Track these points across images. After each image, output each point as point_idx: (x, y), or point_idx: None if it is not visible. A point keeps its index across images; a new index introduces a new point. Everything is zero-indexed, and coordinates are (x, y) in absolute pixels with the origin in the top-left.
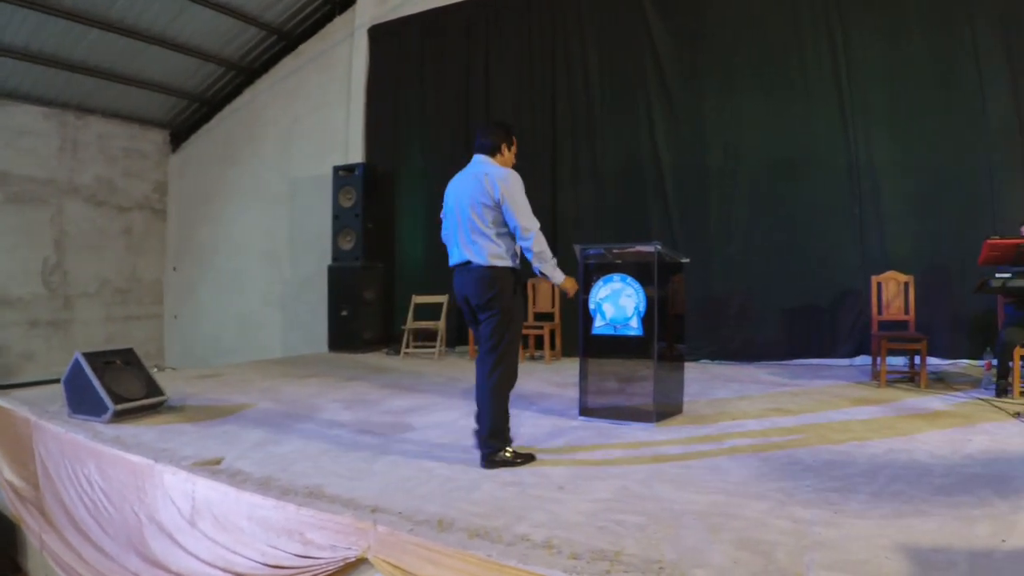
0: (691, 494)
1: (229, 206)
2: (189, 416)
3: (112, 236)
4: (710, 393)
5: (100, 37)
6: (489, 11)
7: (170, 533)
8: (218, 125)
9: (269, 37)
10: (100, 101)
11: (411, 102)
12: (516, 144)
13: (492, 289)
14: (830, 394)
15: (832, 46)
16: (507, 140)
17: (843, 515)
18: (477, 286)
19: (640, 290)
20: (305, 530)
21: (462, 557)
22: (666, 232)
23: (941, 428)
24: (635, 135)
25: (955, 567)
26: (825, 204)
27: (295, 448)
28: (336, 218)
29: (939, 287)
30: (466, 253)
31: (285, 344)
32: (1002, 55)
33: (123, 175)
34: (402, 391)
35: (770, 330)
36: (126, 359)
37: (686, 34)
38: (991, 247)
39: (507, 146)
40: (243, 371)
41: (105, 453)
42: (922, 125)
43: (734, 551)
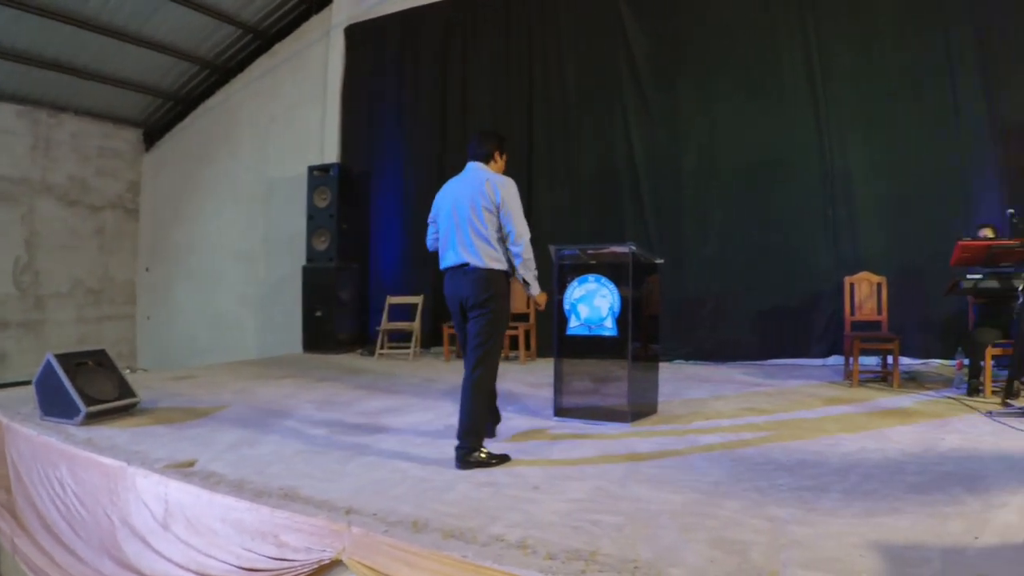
0: (666, 494)
1: (203, 206)
2: (162, 418)
3: (85, 236)
4: (684, 393)
5: (74, 34)
6: (466, 12)
7: (143, 536)
8: (192, 124)
9: (244, 36)
10: (74, 99)
11: (387, 102)
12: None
13: (489, 291)
14: (804, 394)
15: (807, 50)
16: (500, 148)
17: (817, 513)
18: (475, 287)
19: (615, 291)
20: (279, 532)
21: (437, 558)
22: (641, 233)
23: (913, 427)
24: (611, 137)
25: (928, 564)
26: (799, 206)
27: (269, 450)
28: (311, 218)
29: (911, 288)
30: (464, 256)
31: (259, 345)
32: (974, 60)
33: (96, 174)
34: (376, 392)
35: (744, 330)
36: (98, 360)
37: (662, 37)
38: (963, 248)
39: (500, 154)
40: (217, 372)
41: (77, 456)
42: (895, 128)
43: (709, 550)
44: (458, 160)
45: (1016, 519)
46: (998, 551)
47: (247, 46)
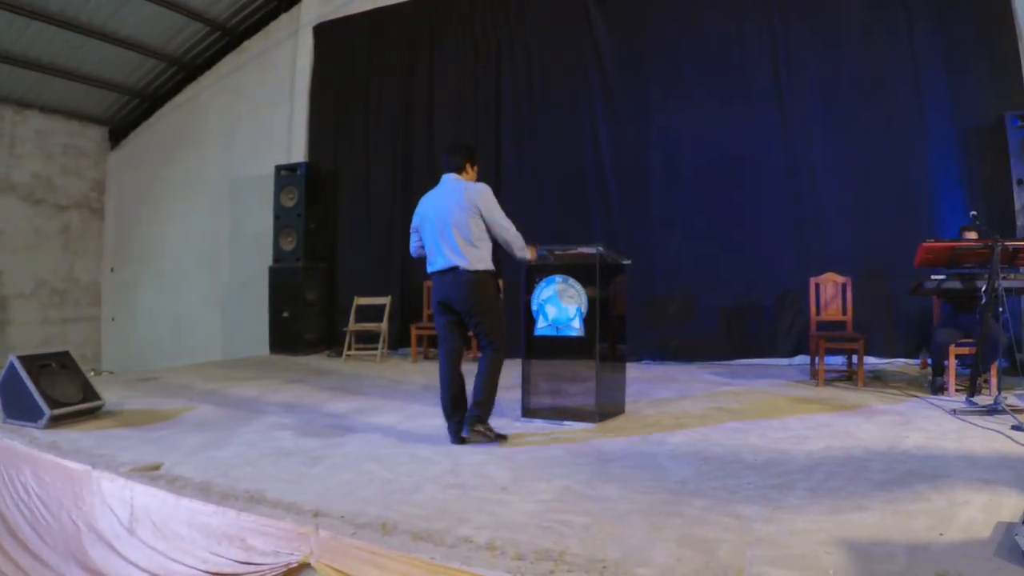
0: (634, 493)
1: (169, 205)
2: (127, 421)
3: (49, 235)
4: (652, 393)
5: (40, 30)
6: (434, 11)
7: (109, 541)
8: (159, 122)
9: (212, 33)
10: (39, 96)
11: (355, 102)
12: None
13: (480, 291)
14: (770, 393)
15: (774, 50)
16: (470, 159)
17: (783, 511)
18: (465, 289)
19: (582, 291)
20: (246, 536)
21: (406, 560)
22: (608, 234)
23: (878, 425)
24: (578, 136)
25: (894, 560)
26: (765, 207)
27: (235, 452)
28: (277, 218)
29: (876, 288)
30: (452, 259)
31: (226, 346)
32: (940, 60)
33: (61, 172)
34: (344, 394)
35: (711, 331)
36: (62, 362)
37: (630, 37)
38: (926, 250)
39: (470, 164)
40: (182, 374)
41: (41, 459)
42: (860, 130)
43: (677, 549)
44: (424, 160)
45: (979, 515)
46: (962, 547)
47: (215, 43)
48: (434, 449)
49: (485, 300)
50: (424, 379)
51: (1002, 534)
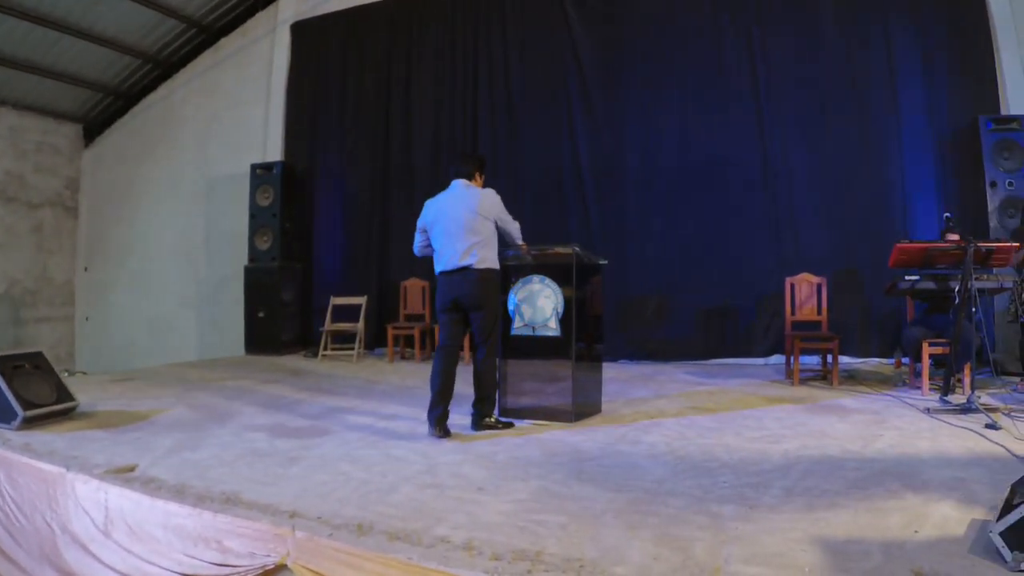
0: (610, 492)
1: (143, 204)
2: (101, 422)
3: (21, 234)
4: (628, 393)
5: (14, 26)
6: (412, 11)
7: (84, 544)
8: (133, 120)
9: (188, 30)
10: (12, 93)
11: (332, 101)
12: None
13: (488, 289)
14: (746, 393)
15: (751, 53)
16: (480, 169)
17: (759, 510)
18: (476, 287)
19: (558, 291)
20: (222, 537)
21: (383, 561)
22: (584, 234)
23: (852, 424)
24: (555, 137)
25: (869, 557)
26: (741, 207)
27: (211, 454)
28: (253, 217)
29: (851, 288)
30: (465, 259)
31: (201, 346)
32: (916, 62)
33: (34, 170)
34: (320, 394)
35: (687, 330)
36: (35, 363)
37: (608, 40)
38: (901, 251)
39: (479, 174)
40: (157, 374)
41: (15, 461)
42: (837, 131)
43: (653, 547)
44: (401, 160)
45: (954, 513)
46: (937, 544)
47: (191, 41)
48: (410, 449)
49: (491, 297)
50: (400, 379)
51: (976, 531)
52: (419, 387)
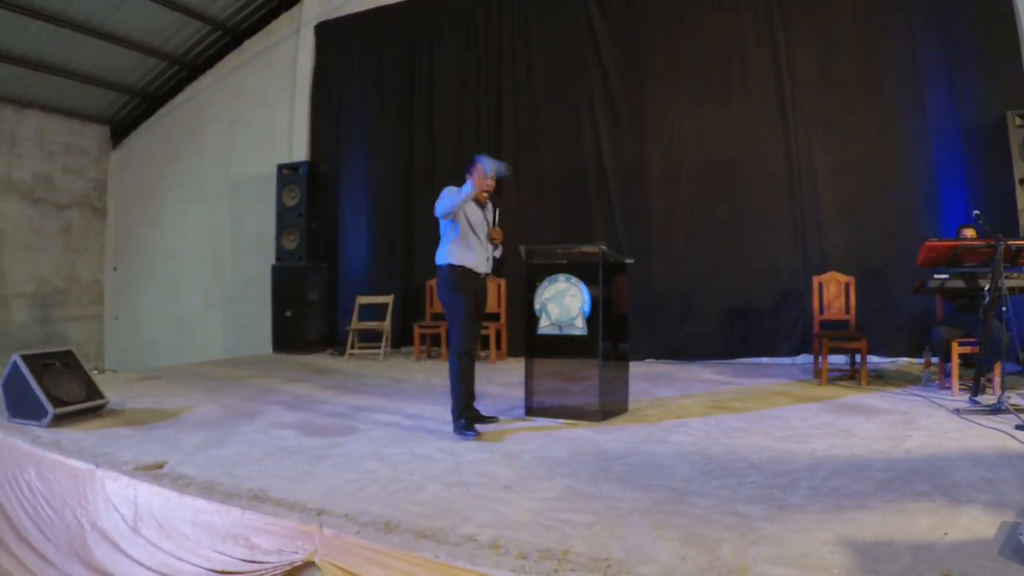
0: (637, 492)
1: (170, 204)
2: (130, 419)
3: (50, 235)
4: (654, 392)
5: (40, 29)
6: (435, 10)
7: (113, 540)
8: (159, 121)
9: (213, 32)
10: (39, 95)
11: (356, 101)
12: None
13: (440, 287)
14: (772, 392)
15: (774, 52)
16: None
17: (786, 510)
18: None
19: (585, 290)
20: (250, 534)
21: (409, 559)
22: (610, 233)
23: (881, 424)
24: (580, 137)
25: (898, 559)
26: (766, 206)
27: (238, 451)
28: (279, 217)
29: (878, 287)
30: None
31: (228, 345)
32: (941, 60)
33: (62, 171)
34: (346, 392)
35: (713, 329)
36: (65, 361)
37: (631, 40)
38: (929, 249)
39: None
40: (185, 373)
41: (45, 458)
42: (862, 128)
43: (680, 548)
44: (425, 159)
45: (983, 515)
46: (966, 546)
47: (216, 43)
48: (436, 447)
49: (442, 294)
50: (425, 378)
51: (1006, 533)
52: (445, 386)
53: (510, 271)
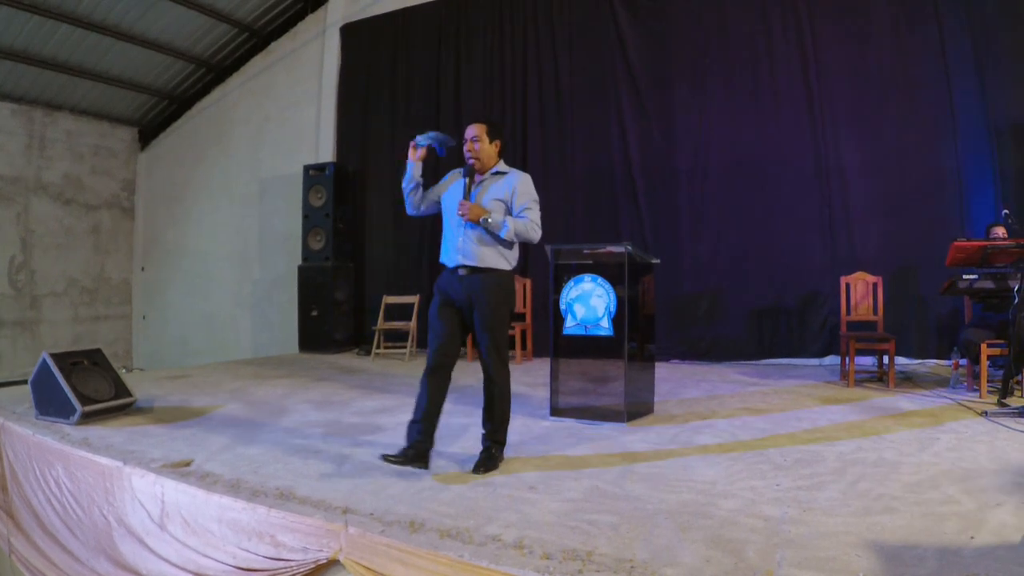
0: (662, 493)
1: (198, 205)
2: (157, 418)
3: (80, 235)
4: (680, 393)
5: (69, 33)
6: (460, 11)
7: (140, 536)
8: (187, 123)
9: (240, 35)
10: (69, 98)
11: (382, 101)
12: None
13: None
14: (799, 393)
15: (801, 48)
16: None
17: (812, 513)
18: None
19: (611, 290)
20: (276, 532)
21: (434, 558)
22: (636, 232)
23: (909, 427)
24: (606, 135)
25: (924, 563)
26: (794, 205)
27: (265, 450)
28: (306, 217)
29: (907, 288)
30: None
31: (255, 345)
32: (969, 57)
33: (91, 173)
34: (372, 392)
35: (739, 330)
36: (94, 360)
37: (657, 36)
38: (958, 249)
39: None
40: (212, 372)
41: (73, 455)
42: (890, 127)
43: (705, 550)
44: (451, 159)
45: (1011, 519)
46: (993, 551)
47: (242, 45)
48: (460, 448)
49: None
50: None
51: None
52: (470, 386)
53: (535, 271)
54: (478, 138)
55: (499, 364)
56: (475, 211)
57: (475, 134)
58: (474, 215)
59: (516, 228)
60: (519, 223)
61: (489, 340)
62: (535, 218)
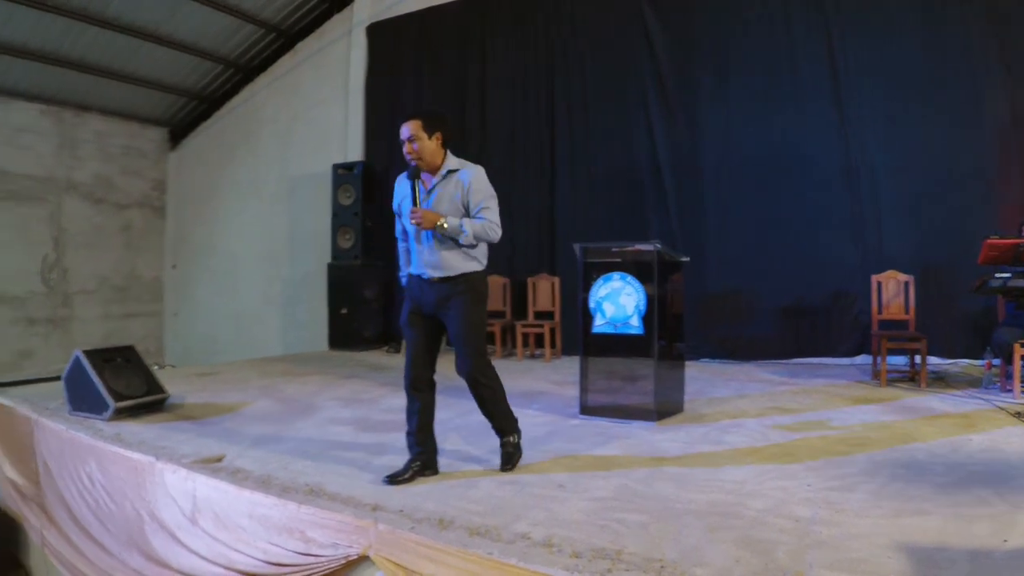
0: (692, 493)
1: (227, 204)
2: (189, 414)
3: (111, 234)
4: (710, 392)
5: (98, 34)
6: (486, 9)
7: (171, 531)
8: (216, 123)
9: (267, 35)
10: (98, 99)
11: (409, 100)
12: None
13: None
14: (830, 393)
15: (828, 45)
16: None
17: (843, 514)
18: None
19: (640, 289)
20: (306, 528)
21: (463, 555)
22: (665, 231)
23: (941, 428)
24: (632, 134)
25: (955, 566)
26: (822, 203)
27: (295, 446)
28: (335, 216)
29: (939, 286)
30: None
31: (285, 342)
32: (996, 53)
33: (121, 173)
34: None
35: (769, 329)
36: (127, 357)
37: (683, 34)
38: (990, 247)
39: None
40: (242, 369)
41: (106, 451)
42: (918, 123)
43: (735, 550)
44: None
45: None
46: None
47: (270, 45)
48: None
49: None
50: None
51: None
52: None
53: (564, 269)
54: (414, 137)
55: (481, 365)
56: (429, 217)
57: (410, 133)
58: (428, 222)
59: (475, 231)
60: (477, 225)
61: (465, 347)
62: (493, 217)
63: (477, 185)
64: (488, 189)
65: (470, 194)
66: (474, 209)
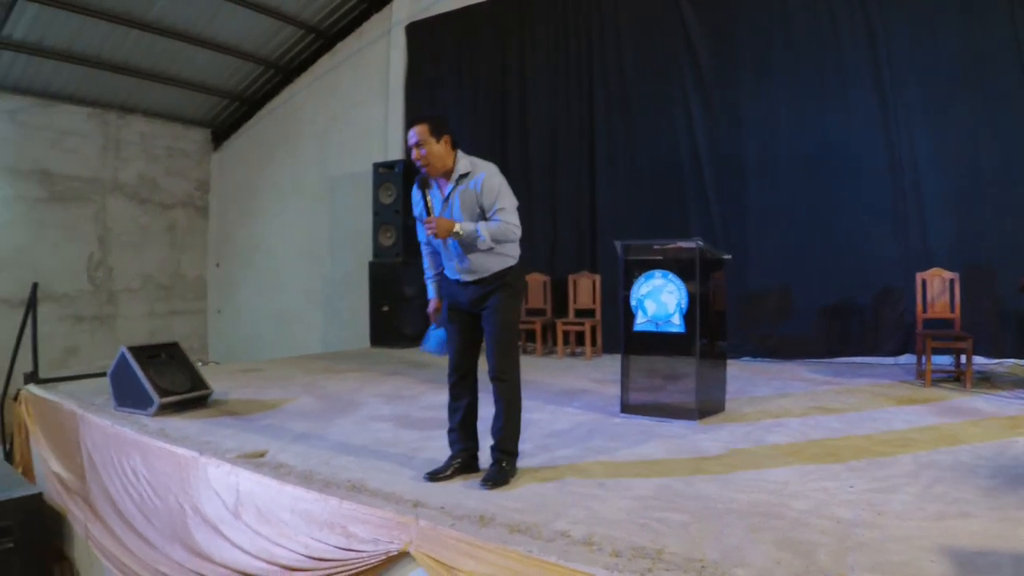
0: (733, 493)
1: (269, 203)
2: (231, 410)
3: (155, 233)
4: (751, 391)
5: (140, 38)
6: (524, 6)
7: (214, 525)
8: (258, 124)
9: (307, 36)
10: (142, 101)
11: (449, 99)
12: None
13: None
14: (873, 393)
15: (871, 38)
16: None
17: (886, 516)
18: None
19: (682, 286)
20: (347, 523)
21: (503, 552)
22: (706, 228)
23: (986, 429)
24: (672, 130)
25: (999, 570)
26: (865, 199)
27: (337, 442)
28: (376, 214)
29: (984, 285)
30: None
31: (326, 340)
32: None
33: (165, 173)
34: (442, 386)
35: (811, 327)
36: (171, 353)
37: (722, 28)
38: None
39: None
40: (285, 366)
41: (150, 445)
42: (963, 117)
43: (776, 551)
44: (518, 155)
45: None
46: None
47: (309, 46)
48: (531, 443)
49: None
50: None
51: None
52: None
53: (604, 266)
54: (422, 142)
55: (509, 366)
56: (443, 225)
57: (418, 139)
58: (443, 231)
59: (492, 234)
60: (493, 227)
61: (496, 346)
62: (508, 217)
63: (488, 186)
64: (500, 188)
65: (483, 196)
66: (489, 211)
